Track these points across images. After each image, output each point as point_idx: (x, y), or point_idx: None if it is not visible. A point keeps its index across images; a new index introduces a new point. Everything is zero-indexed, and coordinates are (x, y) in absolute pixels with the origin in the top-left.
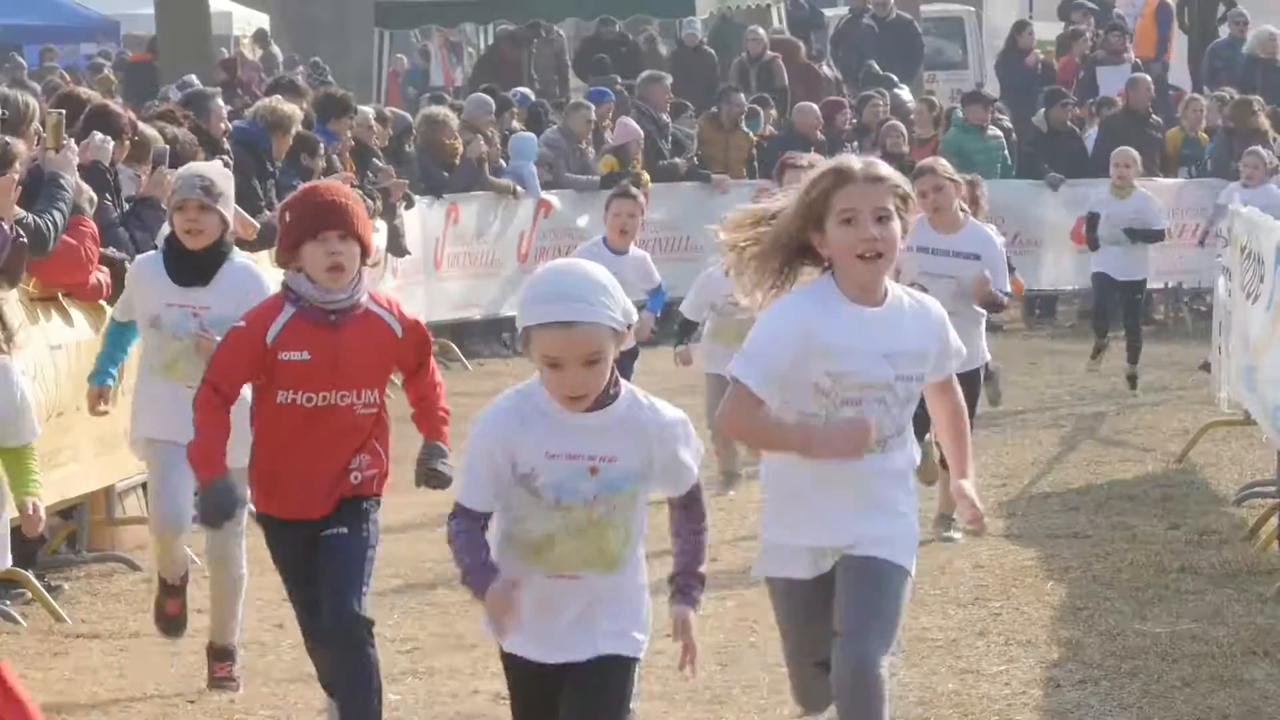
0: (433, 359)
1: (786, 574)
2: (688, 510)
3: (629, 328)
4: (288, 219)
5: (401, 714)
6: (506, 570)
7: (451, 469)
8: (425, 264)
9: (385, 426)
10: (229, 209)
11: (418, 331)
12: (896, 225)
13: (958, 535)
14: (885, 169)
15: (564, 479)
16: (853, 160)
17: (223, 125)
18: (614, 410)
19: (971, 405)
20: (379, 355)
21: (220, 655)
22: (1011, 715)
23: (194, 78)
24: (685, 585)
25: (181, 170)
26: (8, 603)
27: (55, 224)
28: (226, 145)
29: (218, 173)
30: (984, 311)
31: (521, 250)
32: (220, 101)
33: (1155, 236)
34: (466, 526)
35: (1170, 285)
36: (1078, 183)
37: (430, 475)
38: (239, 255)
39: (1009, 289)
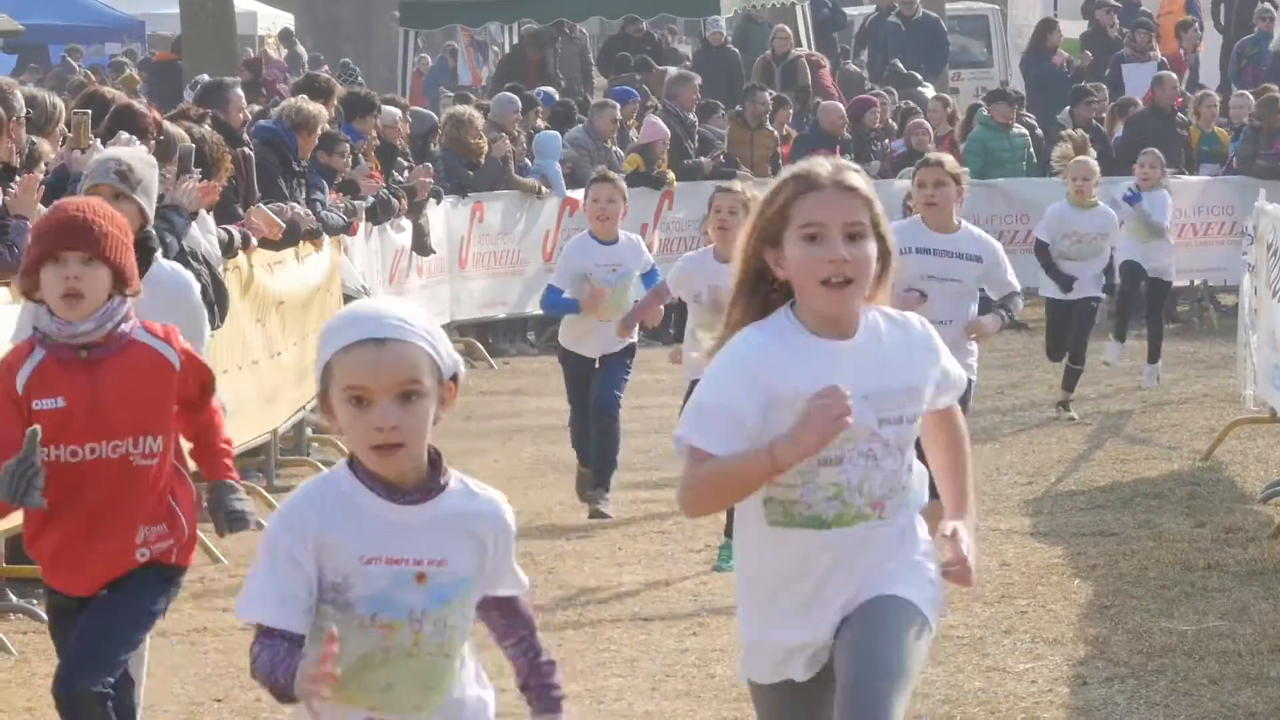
0: (216, 395)
1: (776, 677)
2: (517, 615)
3: (454, 382)
4: (28, 239)
5: None
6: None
7: (249, 505)
8: (450, 263)
9: (184, 479)
10: (150, 199)
11: (195, 362)
12: (871, 246)
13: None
14: (858, 178)
15: (384, 590)
16: (819, 164)
17: (241, 115)
18: (445, 502)
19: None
20: (152, 392)
21: None
22: (1038, 713)
23: (205, 77)
24: (542, 689)
25: (99, 154)
26: (34, 601)
27: None
28: (245, 136)
29: (139, 158)
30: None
31: (546, 249)
32: (239, 91)
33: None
34: (271, 645)
35: (1195, 283)
36: (1102, 180)
37: (231, 518)
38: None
39: (1018, 284)
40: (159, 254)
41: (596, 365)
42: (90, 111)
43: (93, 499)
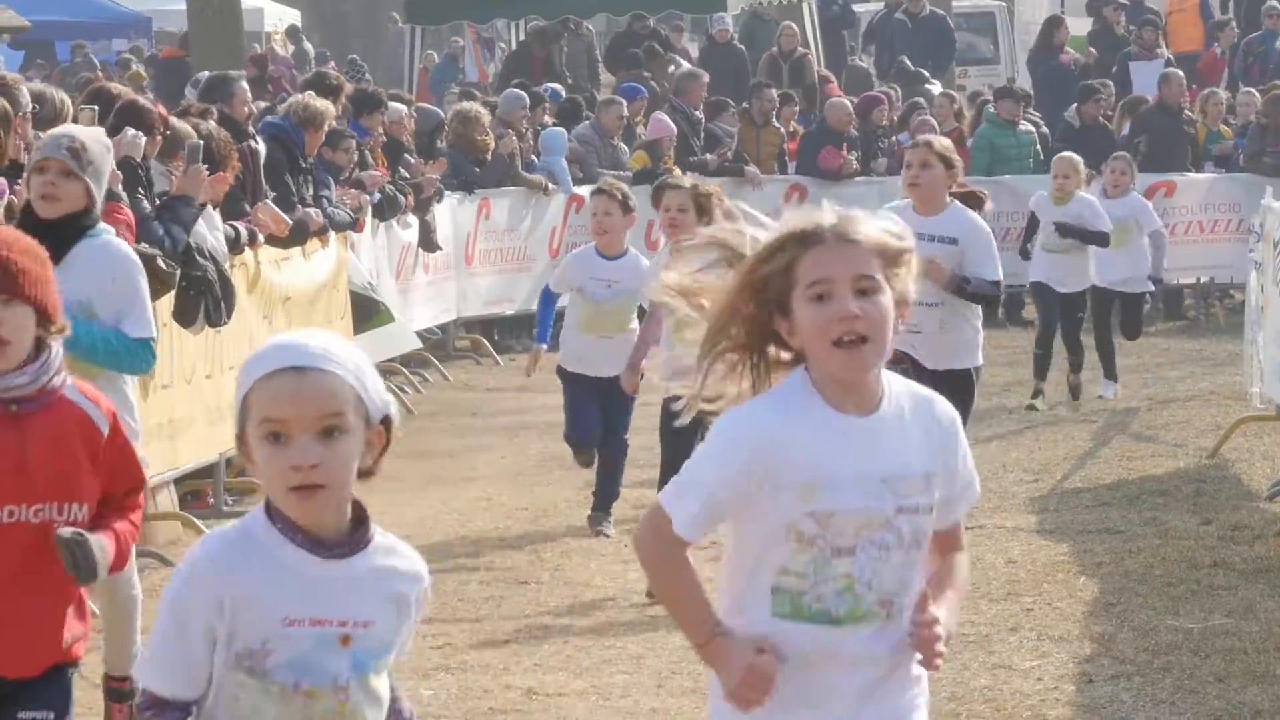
0: (142, 494)
1: None
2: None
3: (383, 426)
4: None
5: (434, 709)
6: None
7: (102, 563)
8: (457, 260)
9: None
10: (100, 183)
11: (121, 436)
12: (887, 299)
13: None
14: (865, 226)
15: (307, 654)
16: (821, 215)
17: (246, 109)
18: (370, 557)
19: (965, 409)
20: (80, 456)
21: (118, 695)
22: (1044, 710)
23: (206, 74)
24: None
25: (53, 129)
26: None
27: None
28: (251, 130)
29: (94, 139)
30: (976, 306)
31: (553, 246)
32: (244, 85)
33: (1094, 238)
34: (164, 715)
35: (1202, 280)
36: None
37: (83, 566)
38: (105, 232)
39: (997, 276)
40: (111, 234)
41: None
42: (97, 107)
43: (9, 566)
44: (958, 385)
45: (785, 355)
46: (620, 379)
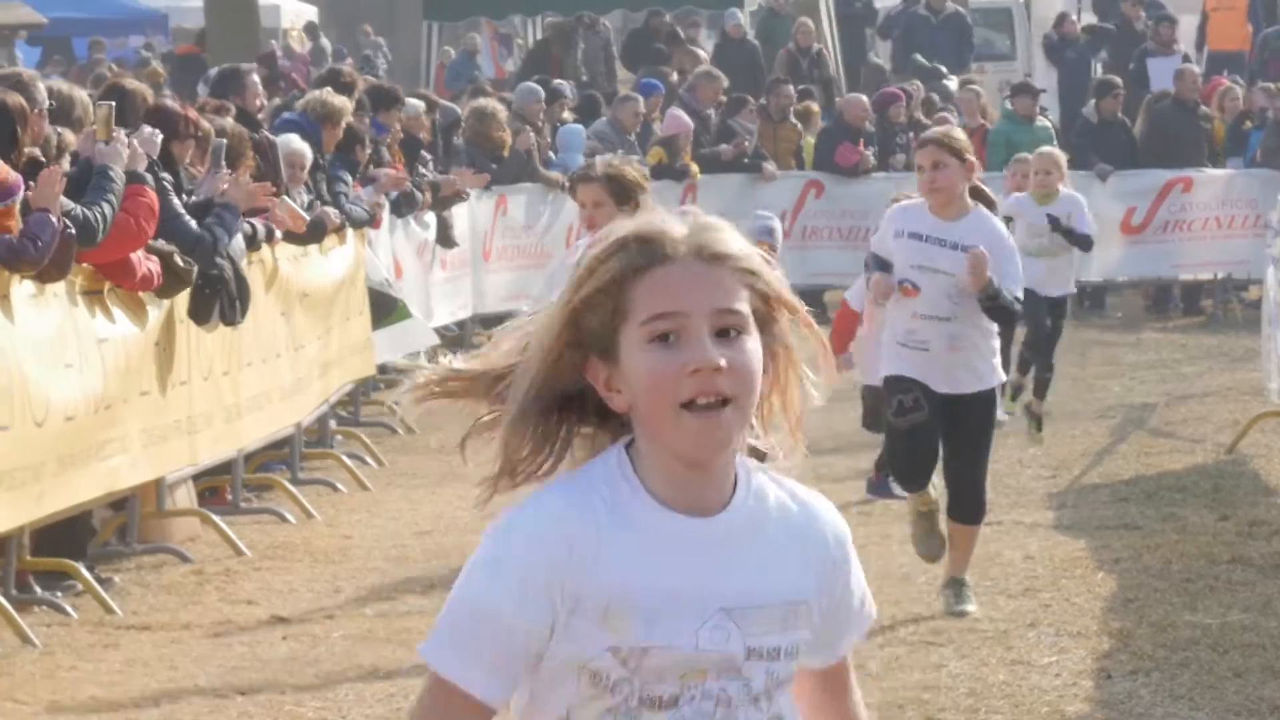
0: None
1: None
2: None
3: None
4: None
5: None
6: None
7: None
8: (474, 256)
9: None
10: None
11: None
12: (754, 344)
13: (971, 607)
14: (733, 240)
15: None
16: (670, 222)
17: (259, 102)
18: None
19: (987, 434)
20: None
21: None
22: (1062, 706)
23: (213, 72)
24: None
25: None
26: (59, 594)
27: (104, 216)
28: (260, 120)
29: None
30: (993, 323)
31: (571, 242)
32: (255, 78)
33: (1083, 242)
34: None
35: (1219, 276)
36: (1127, 174)
37: None
38: None
39: (1020, 293)
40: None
41: None
42: (114, 103)
43: None
44: (978, 410)
45: (587, 428)
46: None
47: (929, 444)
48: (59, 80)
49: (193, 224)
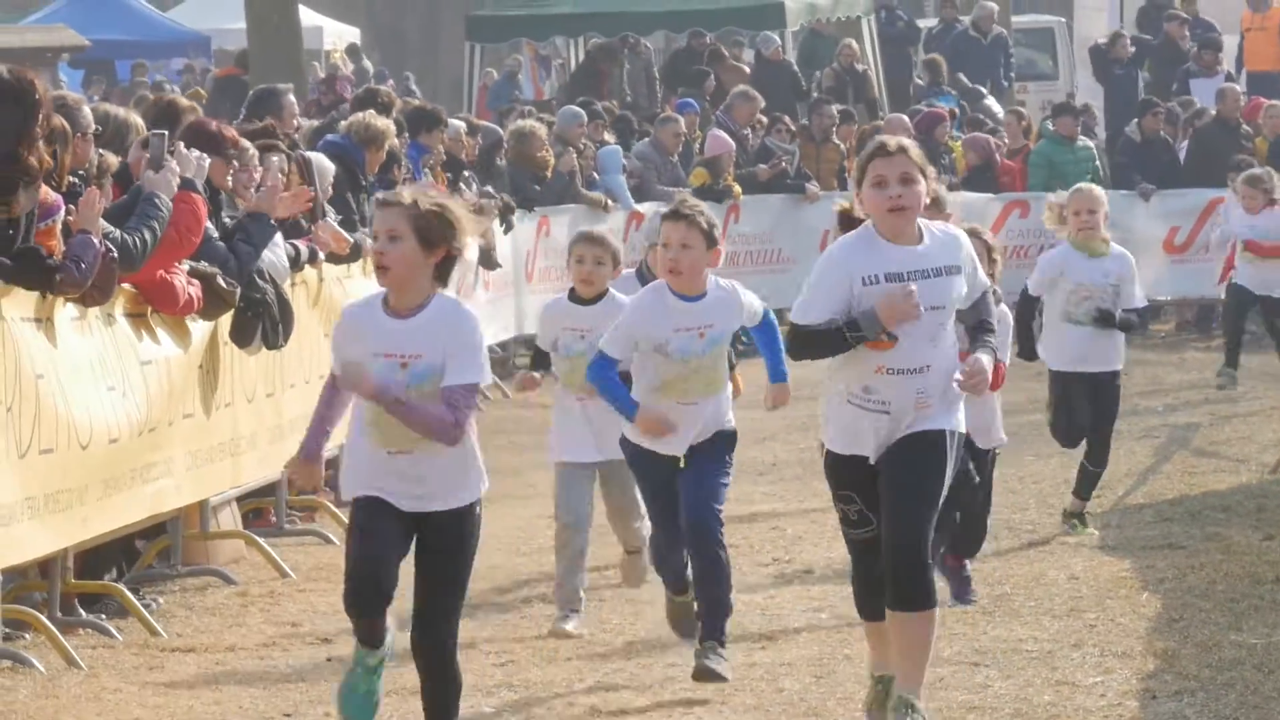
0: None
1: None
2: None
3: None
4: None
5: None
6: None
7: None
8: (516, 277)
9: None
10: None
11: None
12: None
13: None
14: None
15: None
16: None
17: (295, 122)
18: None
19: (933, 481)
20: None
21: None
22: None
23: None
24: None
25: None
26: (103, 617)
27: (145, 242)
28: (297, 140)
29: None
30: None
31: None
32: (292, 98)
33: (1131, 326)
34: None
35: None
36: (1169, 193)
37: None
38: None
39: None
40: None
41: (681, 464)
42: (166, 132)
43: None
44: (926, 449)
45: None
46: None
47: (878, 555)
48: (112, 105)
49: (220, 245)
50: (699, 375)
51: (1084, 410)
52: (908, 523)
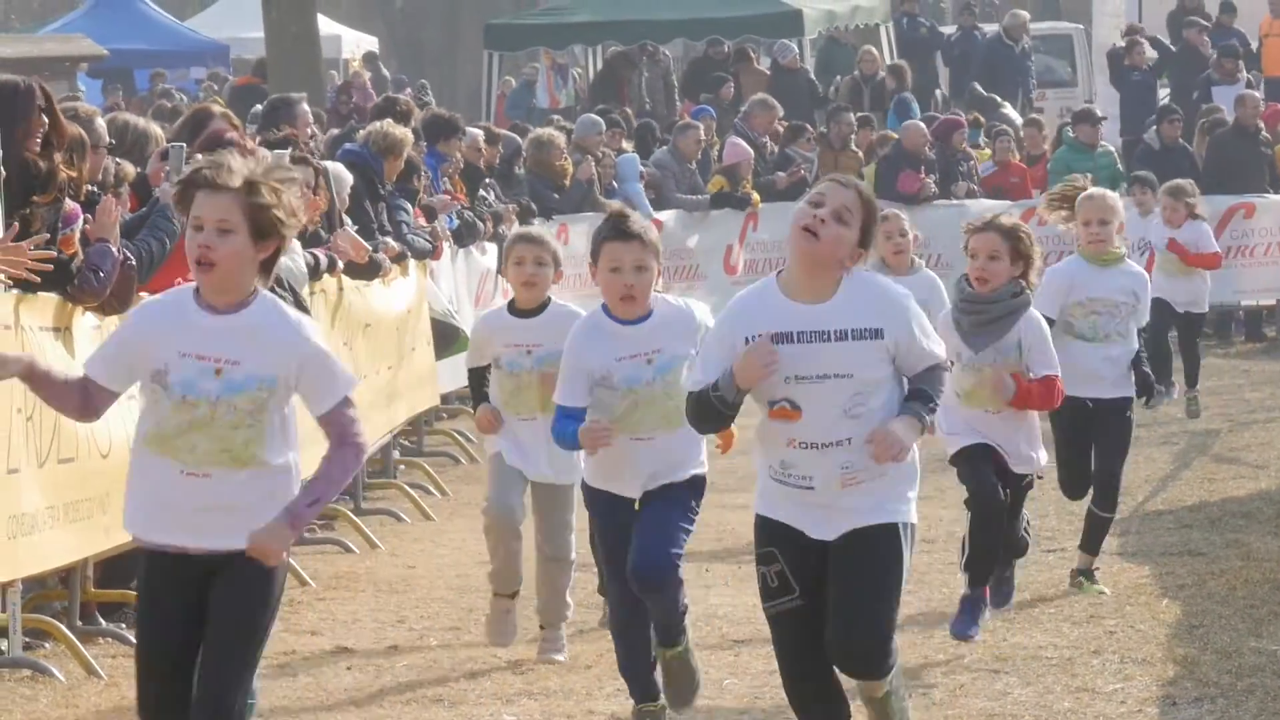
0: None
1: None
2: None
3: None
4: None
5: None
6: None
7: None
8: None
9: None
10: None
11: None
12: None
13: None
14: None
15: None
16: None
17: (309, 130)
18: None
19: (889, 574)
20: None
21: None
22: None
23: (258, 107)
24: None
25: None
26: (123, 626)
27: (151, 254)
28: (313, 147)
29: None
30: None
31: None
32: (305, 107)
33: (1146, 384)
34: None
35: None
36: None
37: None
38: None
39: (942, 354)
40: None
41: (637, 507)
42: (184, 144)
43: None
44: (876, 544)
45: None
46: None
47: (808, 631)
48: (131, 114)
49: None
50: (651, 406)
51: (1088, 446)
52: (873, 620)
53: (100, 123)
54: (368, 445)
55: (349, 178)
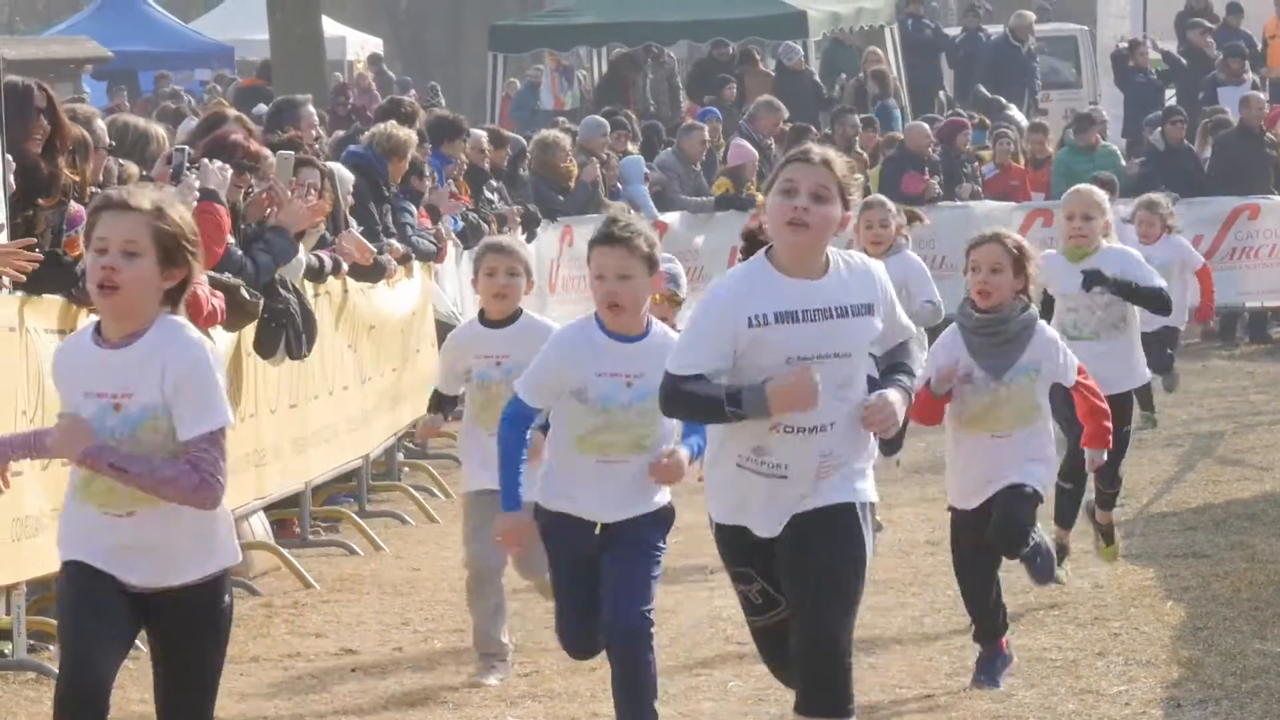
0: None
1: None
2: None
3: None
4: None
5: None
6: None
7: None
8: (540, 287)
9: None
10: None
11: None
12: None
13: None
14: None
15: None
16: None
17: (314, 132)
18: None
19: (851, 569)
20: None
21: None
22: None
23: (262, 108)
24: None
25: None
26: None
27: None
28: (319, 149)
29: None
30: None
31: None
32: (310, 109)
33: (1150, 298)
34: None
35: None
36: (1193, 201)
37: None
38: None
39: (913, 327)
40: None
41: (596, 530)
42: (188, 148)
43: None
44: (837, 528)
45: None
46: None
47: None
48: (131, 115)
49: (236, 251)
50: (623, 431)
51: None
52: (822, 623)
53: (100, 124)
54: (220, 490)
55: (350, 177)
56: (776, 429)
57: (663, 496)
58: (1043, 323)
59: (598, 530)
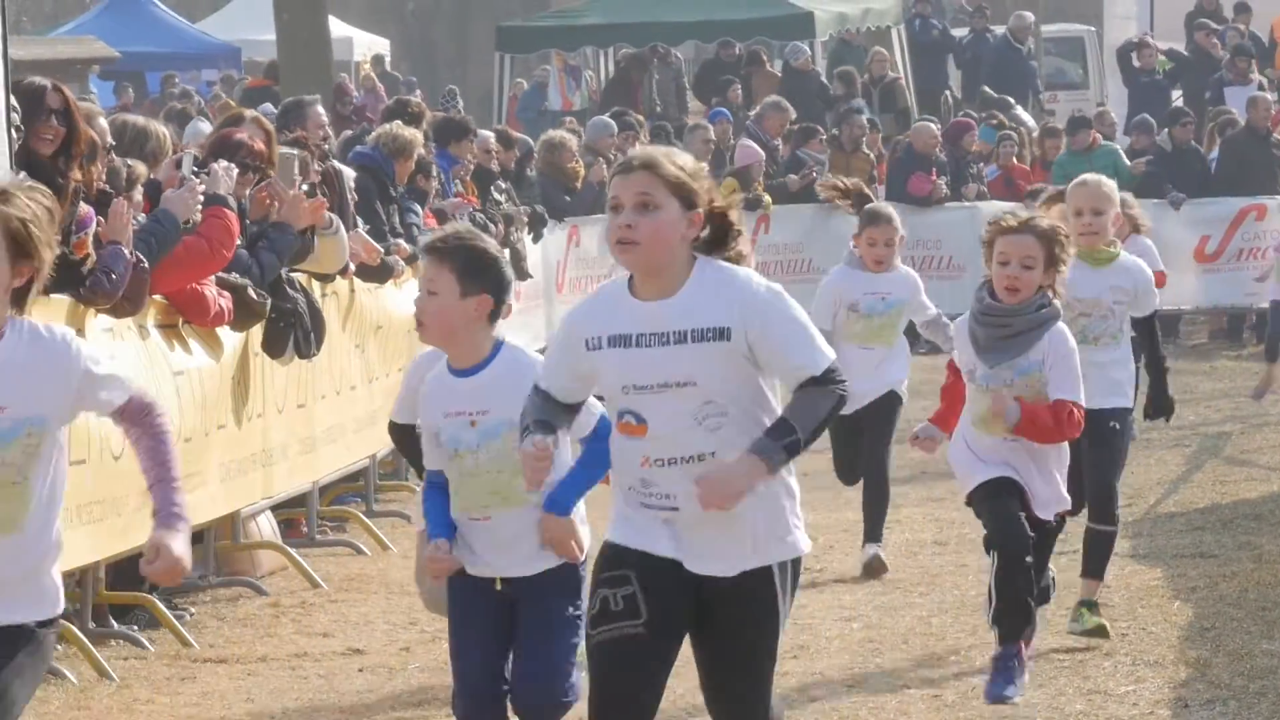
0: None
1: None
2: None
3: None
4: None
5: None
6: None
7: None
8: (547, 288)
9: None
10: None
11: None
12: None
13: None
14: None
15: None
16: None
17: (322, 133)
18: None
19: (764, 643)
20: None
21: None
22: None
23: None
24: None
25: None
26: (135, 628)
27: (139, 256)
28: (328, 148)
29: None
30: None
31: None
32: (319, 109)
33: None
34: None
35: None
36: (1200, 202)
37: None
38: None
39: (823, 360)
40: None
41: (498, 587)
42: (194, 151)
43: None
44: (756, 594)
45: None
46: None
47: (643, 674)
48: (131, 115)
49: (243, 252)
50: (480, 480)
51: (1078, 457)
52: (738, 705)
53: (102, 123)
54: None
55: (350, 174)
56: (647, 462)
57: (581, 540)
58: (1063, 325)
59: (499, 586)
